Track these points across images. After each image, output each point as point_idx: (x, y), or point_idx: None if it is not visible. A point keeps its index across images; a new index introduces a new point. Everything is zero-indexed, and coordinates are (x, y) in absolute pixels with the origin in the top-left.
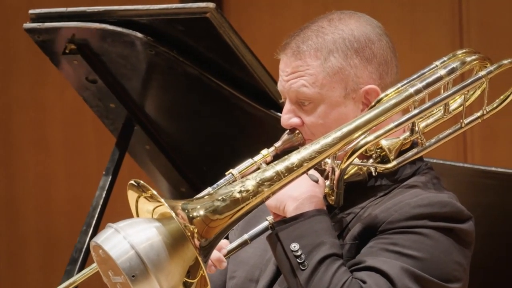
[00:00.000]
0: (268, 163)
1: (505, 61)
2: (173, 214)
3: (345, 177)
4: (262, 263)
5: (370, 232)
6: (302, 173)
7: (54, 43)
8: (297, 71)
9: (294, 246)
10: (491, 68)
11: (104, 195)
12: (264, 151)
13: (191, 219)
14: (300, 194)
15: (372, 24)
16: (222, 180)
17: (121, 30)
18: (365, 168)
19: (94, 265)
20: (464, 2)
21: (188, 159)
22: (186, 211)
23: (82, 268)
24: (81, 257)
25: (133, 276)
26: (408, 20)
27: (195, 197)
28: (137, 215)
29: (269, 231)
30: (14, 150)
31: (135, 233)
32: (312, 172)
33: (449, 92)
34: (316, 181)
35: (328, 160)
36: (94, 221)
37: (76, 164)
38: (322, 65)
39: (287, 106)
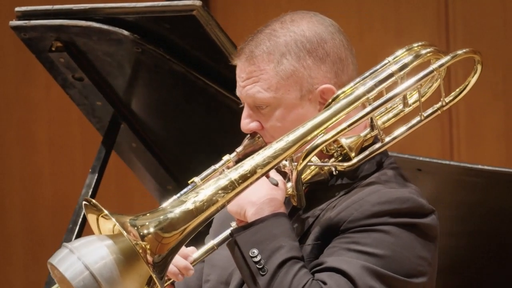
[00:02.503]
0: (230, 168)
1: (459, 52)
2: (124, 232)
3: (307, 177)
4: (232, 266)
5: (332, 232)
6: (257, 179)
7: (40, 41)
8: (252, 76)
9: (253, 252)
10: (443, 60)
11: (90, 193)
12: (226, 157)
13: (142, 237)
14: (259, 199)
15: (324, 23)
16: (185, 189)
17: (107, 28)
18: (326, 168)
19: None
20: (451, 1)
21: (175, 157)
22: (136, 228)
23: None
24: None
25: None
26: (393, 17)
27: (148, 211)
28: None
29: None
30: (0, 148)
31: (88, 253)
32: (273, 174)
33: (402, 88)
34: (276, 184)
35: (286, 162)
36: (80, 219)
37: (62, 162)
38: (275, 68)
39: (245, 111)
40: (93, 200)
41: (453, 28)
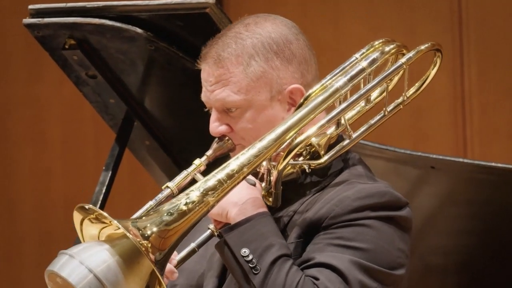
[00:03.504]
0: (202, 172)
1: (422, 47)
2: (127, 233)
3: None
4: (202, 268)
5: (313, 229)
6: (243, 178)
7: (53, 39)
8: (221, 80)
9: (244, 251)
10: (410, 54)
11: (104, 191)
12: (197, 161)
13: (144, 236)
14: (241, 199)
15: (287, 25)
16: (160, 194)
17: (120, 26)
18: (298, 166)
19: None
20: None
21: (187, 154)
22: (138, 229)
23: None
24: None
25: None
26: (406, 15)
27: (137, 215)
28: (83, 240)
29: (215, 239)
30: (12, 146)
31: (90, 257)
32: (248, 176)
33: (374, 82)
34: (254, 185)
35: (263, 163)
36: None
37: (74, 160)
38: (245, 70)
39: (214, 115)
40: (90, 206)
41: (466, 26)
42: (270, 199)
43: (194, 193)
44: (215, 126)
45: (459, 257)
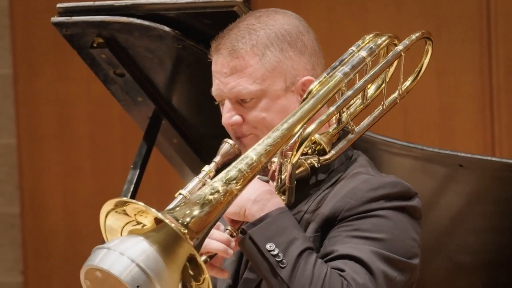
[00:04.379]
0: (212, 178)
1: (413, 36)
2: (166, 219)
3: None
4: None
5: (329, 222)
6: (262, 168)
7: (81, 37)
8: (236, 71)
9: (270, 245)
10: (406, 41)
11: (132, 189)
12: (206, 168)
13: (183, 224)
14: (258, 196)
15: (297, 17)
16: (173, 202)
17: (148, 24)
18: (307, 163)
19: None
20: None
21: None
22: (175, 218)
23: None
24: None
25: (137, 287)
26: (433, 12)
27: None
28: (105, 234)
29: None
30: (40, 144)
31: (129, 248)
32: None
33: (376, 68)
34: (267, 181)
35: (275, 158)
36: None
37: (102, 158)
38: (260, 61)
39: (227, 105)
40: (126, 198)
41: (494, 23)
42: (283, 197)
43: (217, 183)
44: (229, 117)
45: (487, 255)
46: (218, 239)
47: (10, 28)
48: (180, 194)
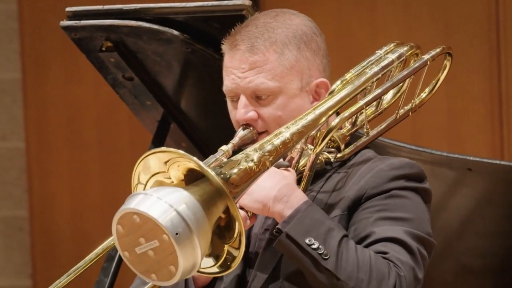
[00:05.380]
0: (228, 158)
1: (434, 51)
2: (212, 173)
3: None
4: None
5: (355, 201)
6: (293, 145)
7: (90, 41)
8: (256, 67)
9: (309, 240)
10: (433, 52)
11: None
12: (224, 147)
13: (225, 179)
14: (280, 191)
15: (309, 19)
16: None
17: (157, 28)
18: (323, 157)
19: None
20: (501, 1)
21: None
22: (219, 174)
23: (118, 265)
24: (117, 254)
25: (176, 234)
26: (443, 17)
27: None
28: (135, 182)
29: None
30: (49, 148)
31: (168, 194)
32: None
33: (403, 74)
34: (288, 166)
35: (298, 145)
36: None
37: (111, 162)
38: (280, 58)
39: (242, 101)
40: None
41: (503, 26)
42: (297, 186)
43: (251, 152)
44: (244, 112)
45: (496, 259)
46: None
47: (19, 32)
48: None
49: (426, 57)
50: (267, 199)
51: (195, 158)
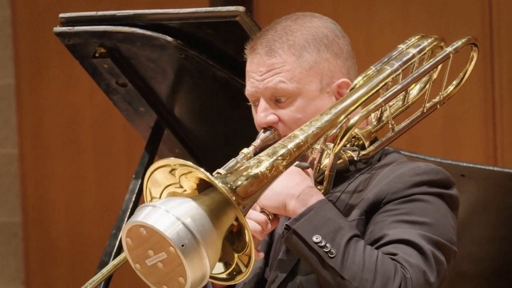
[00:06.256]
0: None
1: (460, 41)
2: (219, 184)
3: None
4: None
5: (374, 205)
6: (307, 148)
7: (84, 47)
8: (274, 69)
9: (316, 237)
10: (456, 45)
11: (133, 199)
12: (245, 150)
13: (232, 189)
14: (297, 190)
15: (333, 22)
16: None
17: (150, 34)
18: (346, 156)
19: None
20: (495, 4)
21: (218, 162)
22: (225, 183)
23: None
24: (110, 260)
25: (182, 245)
26: (438, 22)
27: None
28: (146, 197)
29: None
30: (45, 153)
31: (175, 207)
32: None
33: (425, 67)
34: (307, 167)
35: (317, 146)
36: (123, 225)
37: (106, 167)
38: (298, 60)
39: (262, 105)
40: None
41: (497, 32)
42: (319, 187)
43: (264, 157)
44: (264, 116)
45: (491, 264)
46: (255, 220)
47: (13, 38)
48: (218, 173)
49: (448, 49)
50: (284, 198)
51: (202, 169)
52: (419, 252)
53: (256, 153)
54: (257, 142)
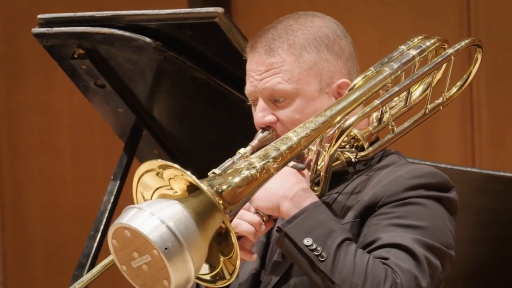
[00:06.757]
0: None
1: (463, 42)
2: (205, 188)
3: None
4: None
5: (369, 208)
6: (300, 151)
7: (62, 48)
8: (272, 68)
9: (307, 240)
10: (458, 46)
11: (112, 200)
12: (242, 150)
13: (218, 192)
14: (291, 191)
15: (336, 22)
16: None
17: (129, 35)
18: (344, 157)
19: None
20: (473, 6)
21: (196, 164)
22: (212, 186)
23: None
24: (88, 262)
25: (166, 249)
26: (417, 26)
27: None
28: (136, 199)
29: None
30: (22, 155)
31: (160, 210)
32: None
33: (425, 69)
34: (303, 169)
35: (313, 147)
36: (101, 226)
37: (84, 169)
38: (297, 60)
39: (260, 104)
40: (164, 161)
41: (475, 35)
42: (316, 188)
43: (255, 159)
44: (261, 116)
45: (469, 266)
46: (249, 221)
47: None
48: (213, 173)
49: (450, 51)
50: (277, 199)
51: (188, 173)
52: (411, 257)
53: (253, 153)
54: (254, 142)
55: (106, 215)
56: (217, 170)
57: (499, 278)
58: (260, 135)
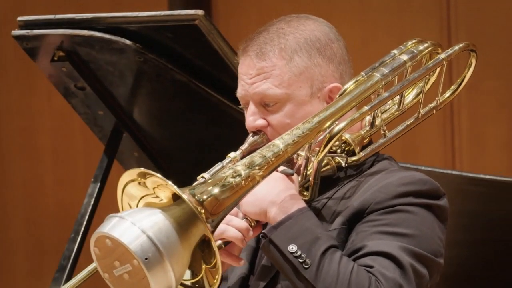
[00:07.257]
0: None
1: (456, 47)
2: (185, 197)
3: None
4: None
5: (357, 214)
6: (287, 158)
7: (42, 50)
8: (263, 72)
9: (292, 247)
10: (450, 51)
11: (92, 203)
12: (232, 154)
13: (199, 201)
14: (279, 197)
15: (329, 25)
16: (194, 184)
17: (109, 37)
18: (334, 162)
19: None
20: (453, 6)
21: (177, 166)
22: (193, 195)
23: (70, 275)
24: (69, 264)
25: (146, 259)
26: (397, 26)
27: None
28: (121, 207)
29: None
30: (3, 157)
31: (142, 219)
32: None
33: (416, 75)
34: (292, 174)
35: (302, 152)
36: (82, 229)
37: (65, 171)
38: (288, 64)
39: (251, 108)
40: (146, 170)
41: (455, 37)
42: (305, 193)
43: (240, 167)
44: (252, 120)
45: (449, 268)
46: (236, 227)
47: None
48: (202, 177)
49: (442, 56)
50: (265, 204)
51: (170, 183)
52: (396, 265)
53: (243, 157)
54: (245, 146)
55: (87, 217)
56: (206, 175)
57: (480, 280)
58: (250, 139)
